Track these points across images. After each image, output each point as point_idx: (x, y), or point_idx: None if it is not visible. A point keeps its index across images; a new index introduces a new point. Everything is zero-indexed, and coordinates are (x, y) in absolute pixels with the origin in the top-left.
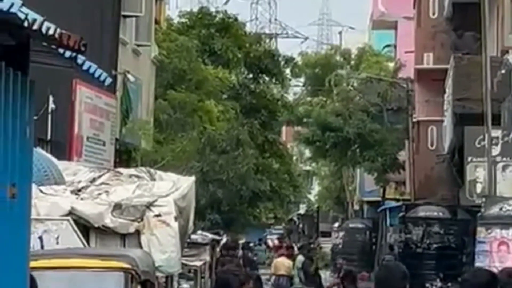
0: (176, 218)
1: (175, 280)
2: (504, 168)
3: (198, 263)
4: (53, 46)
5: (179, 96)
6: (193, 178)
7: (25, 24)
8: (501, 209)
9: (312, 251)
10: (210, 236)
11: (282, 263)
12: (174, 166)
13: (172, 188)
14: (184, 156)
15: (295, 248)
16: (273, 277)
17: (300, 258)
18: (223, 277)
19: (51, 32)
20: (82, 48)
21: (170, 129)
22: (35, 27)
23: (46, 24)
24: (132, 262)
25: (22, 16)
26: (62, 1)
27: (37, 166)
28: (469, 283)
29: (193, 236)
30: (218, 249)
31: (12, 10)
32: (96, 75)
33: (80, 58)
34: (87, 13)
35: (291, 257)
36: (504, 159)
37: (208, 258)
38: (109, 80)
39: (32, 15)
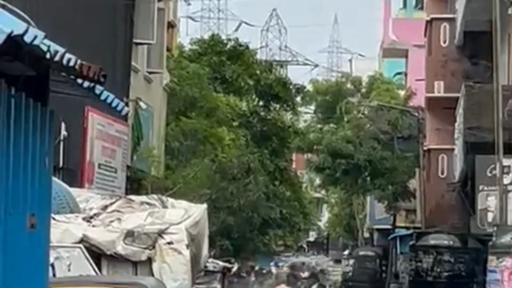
0: (188, 246)
1: None
2: None
3: None
4: (72, 77)
5: (190, 123)
6: (205, 205)
7: (47, 55)
8: None
9: (324, 278)
10: (221, 264)
11: None
12: (185, 194)
13: (184, 216)
14: (195, 183)
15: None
16: None
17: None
18: None
19: (71, 63)
20: (102, 79)
21: (181, 156)
22: (56, 58)
23: (67, 55)
24: None
25: (44, 48)
26: (77, 29)
27: (53, 195)
28: None
29: None
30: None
31: (36, 42)
32: (114, 105)
33: (98, 89)
34: (100, 41)
35: (295, 284)
36: None
37: (219, 286)
38: (126, 110)
39: (54, 46)
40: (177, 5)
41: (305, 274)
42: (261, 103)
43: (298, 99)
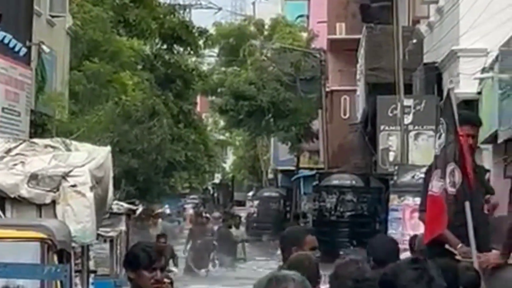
0: (91, 189)
1: (91, 249)
2: (416, 136)
3: (114, 233)
4: None
5: (94, 67)
6: (108, 148)
7: None
8: (413, 177)
9: (233, 219)
10: (126, 206)
11: (200, 230)
12: (89, 137)
13: (88, 158)
14: (99, 127)
15: (210, 218)
16: (190, 244)
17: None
18: (133, 253)
19: None
20: None
21: (85, 100)
22: None
23: None
24: (48, 232)
25: None
26: None
27: None
28: (373, 248)
29: None
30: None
31: None
32: (11, 45)
33: None
34: None
35: (205, 225)
36: (416, 127)
37: (123, 228)
38: (24, 51)
39: None
40: None
41: (216, 214)
42: (164, 46)
43: (202, 42)
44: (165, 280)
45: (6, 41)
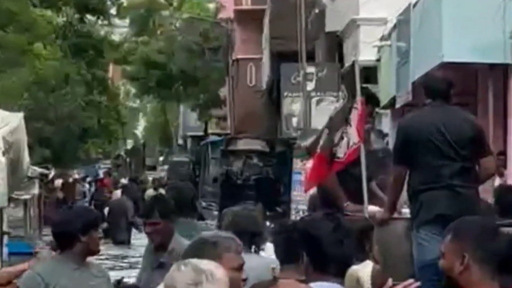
0: (4, 153)
1: (5, 213)
2: (318, 102)
3: (27, 196)
4: None
5: (8, 37)
6: (21, 114)
7: None
8: None
9: (143, 184)
10: (39, 170)
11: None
12: (2, 104)
13: (0, 124)
14: (13, 93)
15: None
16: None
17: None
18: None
19: None
20: None
21: None
22: None
23: None
24: None
25: None
26: None
27: None
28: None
29: None
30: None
31: None
32: None
33: None
34: None
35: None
36: (318, 93)
37: (36, 191)
38: None
39: None
40: None
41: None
42: (77, 16)
43: (114, 11)
44: None
45: None
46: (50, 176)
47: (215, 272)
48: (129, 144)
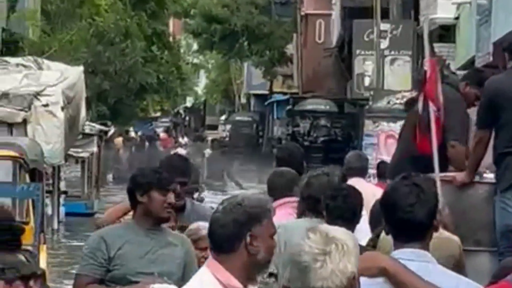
0: (63, 109)
1: (62, 170)
2: (392, 61)
3: (85, 154)
4: None
5: None
6: (81, 68)
7: None
8: (388, 102)
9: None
10: (98, 127)
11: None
12: (62, 57)
13: (60, 78)
14: (71, 47)
15: (182, 141)
16: None
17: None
18: (143, 173)
19: None
20: None
21: (57, 20)
22: None
23: None
24: (20, 150)
25: None
26: None
27: None
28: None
29: None
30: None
31: None
32: None
33: None
34: None
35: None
36: (392, 52)
37: (95, 148)
38: None
39: None
40: None
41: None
42: None
43: None
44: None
45: None
46: (110, 133)
47: (348, 242)
48: (189, 101)
